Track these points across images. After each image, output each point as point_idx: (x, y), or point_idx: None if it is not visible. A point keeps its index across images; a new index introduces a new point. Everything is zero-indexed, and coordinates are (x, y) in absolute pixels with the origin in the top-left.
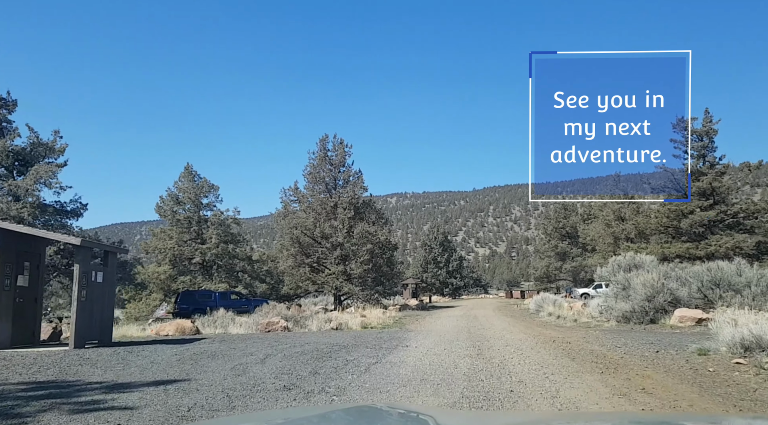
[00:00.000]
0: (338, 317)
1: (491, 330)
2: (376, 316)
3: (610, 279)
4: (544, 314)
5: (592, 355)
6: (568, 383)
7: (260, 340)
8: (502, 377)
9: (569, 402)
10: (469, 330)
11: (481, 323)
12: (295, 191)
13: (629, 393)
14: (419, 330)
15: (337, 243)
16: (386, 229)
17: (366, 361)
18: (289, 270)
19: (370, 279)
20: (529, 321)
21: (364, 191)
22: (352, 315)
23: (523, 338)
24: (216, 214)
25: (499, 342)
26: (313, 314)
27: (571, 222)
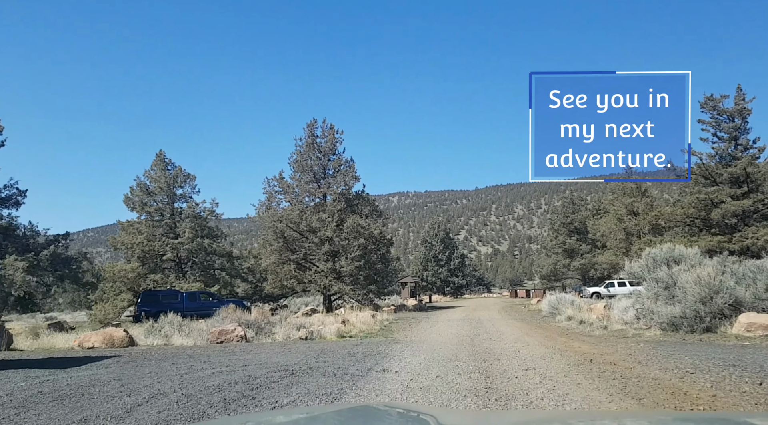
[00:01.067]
0: (314, 322)
1: (501, 340)
2: (362, 320)
3: (643, 275)
4: (563, 318)
5: (661, 389)
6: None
7: (189, 359)
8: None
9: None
10: (473, 342)
11: (486, 329)
12: (280, 181)
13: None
14: (408, 341)
15: (325, 238)
16: (380, 223)
17: (304, 409)
18: (272, 267)
19: (362, 277)
20: (545, 327)
21: (356, 181)
22: (336, 318)
23: (547, 355)
24: (191, 206)
25: (515, 362)
26: (282, 319)
27: (580, 217)
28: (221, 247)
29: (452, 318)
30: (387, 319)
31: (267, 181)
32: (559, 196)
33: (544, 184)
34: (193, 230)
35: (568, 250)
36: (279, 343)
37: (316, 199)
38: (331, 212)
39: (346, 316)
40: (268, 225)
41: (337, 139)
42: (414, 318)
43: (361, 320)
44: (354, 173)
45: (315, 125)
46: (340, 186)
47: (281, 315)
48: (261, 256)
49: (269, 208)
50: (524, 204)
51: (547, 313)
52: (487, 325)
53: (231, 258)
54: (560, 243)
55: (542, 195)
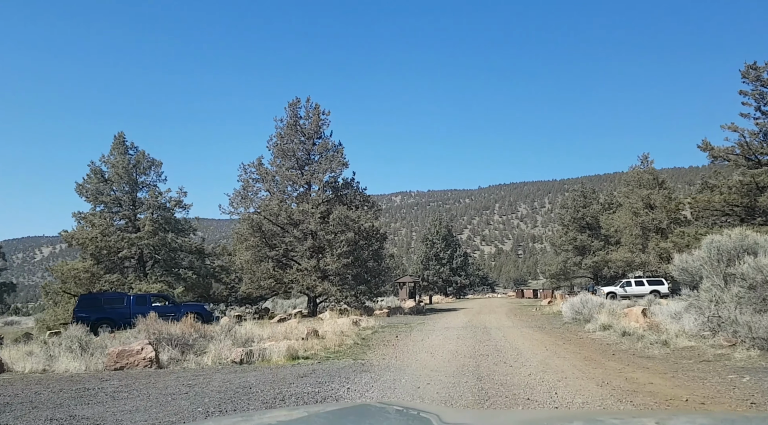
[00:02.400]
0: (276, 333)
1: (521, 366)
2: (339, 329)
3: (701, 271)
4: (595, 327)
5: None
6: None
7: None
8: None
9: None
10: (478, 369)
11: (496, 345)
12: (258, 167)
13: None
14: (384, 368)
15: (308, 232)
16: (372, 214)
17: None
18: (248, 266)
19: (351, 276)
20: (575, 340)
21: (345, 168)
22: (311, 325)
23: (605, 399)
24: (152, 194)
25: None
26: (226, 331)
27: (592, 212)
28: (189, 243)
29: (452, 325)
30: (372, 327)
31: (243, 168)
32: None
33: (548, 183)
34: (154, 223)
35: (579, 247)
36: (199, 370)
37: (300, 189)
38: (316, 202)
39: (321, 324)
40: (243, 218)
41: (323, 121)
42: (407, 325)
43: (339, 329)
44: (342, 159)
45: (298, 104)
46: (327, 173)
47: (229, 324)
48: (236, 253)
49: (245, 198)
50: (528, 203)
51: (569, 319)
52: (497, 337)
53: (201, 255)
54: (571, 239)
55: (546, 194)
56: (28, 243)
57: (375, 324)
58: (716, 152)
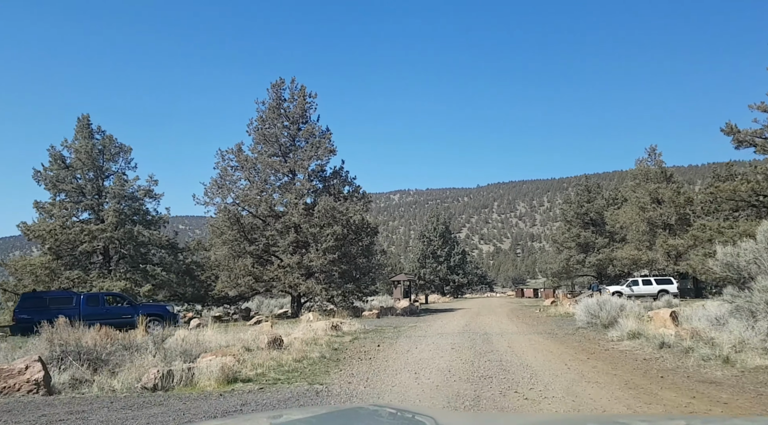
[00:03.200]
0: (232, 341)
1: (545, 404)
2: (308, 336)
3: (751, 266)
4: (621, 334)
5: None
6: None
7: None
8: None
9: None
10: (478, 402)
11: (501, 359)
12: (238, 153)
13: None
14: (341, 402)
15: (291, 224)
16: (361, 205)
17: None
18: (224, 262)
19: (338, 273)
20: (602, 354)
21: (332, 155)
22: (287, 329)
23: None
24: (118, 182)
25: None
26: (158, 342)
27: (596, 207)
28: (159, 237)
29: (447, 330)
30: (353, 333)
31: (220, 154)
32: (565, 190)
33: (547, 181)
34: (119, 214)
35: (582, 244)
36: (95, 399)
37: (284, 178)
38: (299, 192)
39: (295, 329)
40: (220, 209)
41: (309, 104)
42: (395, 330)
43: (312, 335)
44: (329, 145)
45: (281, 86)
46: (312, 160)
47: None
48: (212, 249)
49: (221, 187)
50: (527, 201)
51: (584, 323)
52: (500, 347)
53: (174, 250)
54: (574, 236)
55: (545, 192)
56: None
57: (358, 329)
58: (742, 135)
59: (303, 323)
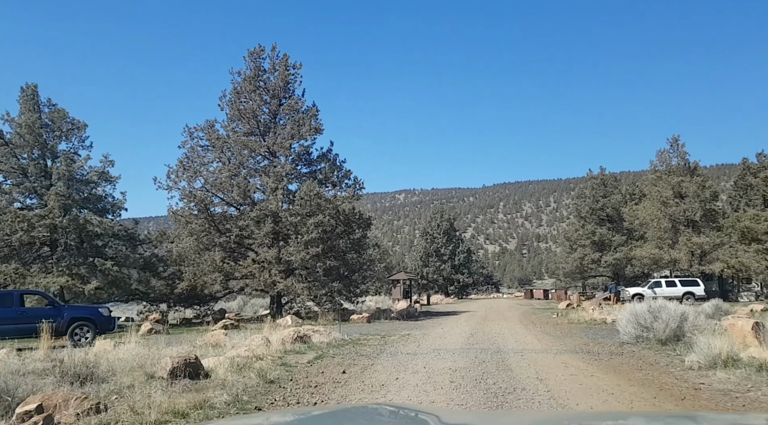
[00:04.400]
0: (153, 356)
1: None
2: (252, 352)
3: None
4: (706, 360)
5: None
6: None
7: None
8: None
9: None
10: None
11: (537, 404)
12: (209, 131)
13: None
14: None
15: (268, 212)
16: (351, 192)
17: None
18: (189, 255)
19: (323, 270)
20: (692, 395)
21: (318, 134)
22: (248, 340)
23: None
24: (65, 161)
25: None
26: None
27: (613, 202)
28: (110, 225)
29: (447, 344)
30: (321, 346)
31: (188, 132)
32: (571, 191)
33: (553, 182)
34: (64, 198)
35: (597, 242)
36: None
37: (264, 161)
38: (278, 175)
39: (248, 339)
40: (185, 194)
41: (293, 76)
42: (381, 341)
43: (263, 350)
44: (315, 123)
45: (261, 54)
46: (295, 140)
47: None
48: (177, 240)
49: (188, 169)
50: (533, 201)
51: (631, 337)
52: (526, 379)
53: (132, 242)
54: (588, 233)
55: (551, 192)
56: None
57: (333, 340)
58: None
59: (267, 330)
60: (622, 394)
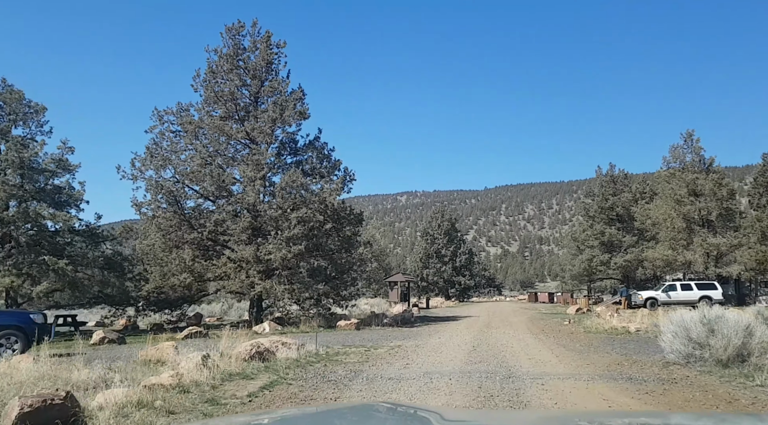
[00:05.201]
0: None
1: None
2: (188, 377)
3: None
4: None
5: None
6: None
7: None
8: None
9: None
10: None
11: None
12: (180, 115)
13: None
14: None
15: (246, 205)
16: (339, 184)
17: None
18: (156, 253)
19: (307, 270)
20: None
21: (303, 119)
22: (176, 352)
23: None
24: (13, 147)
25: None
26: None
27: (624, 201)
28: (65, 218)
29: (443, 365)
30: (283, 366)
31: (157, 115)
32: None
33: (556, 184)
34: (13, 188)
35: (606, 243)
36: None
37: (244, 150)
38: (258, 163)
39: (196, 351)
40: (151, 184)
41: (277, 55)
42: (362, 357)
43: (195, 376)
44: (300, 107)
45: (240, 31)
46: (277, 125)
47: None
48: (143, 236)
49: (155, 157)
50: (535, 204)
51: (679, 356)
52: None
53: (94, 238)
54: (597, 233)
55: (554, 195)
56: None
57: (302, 356)
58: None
59: (225, 342)
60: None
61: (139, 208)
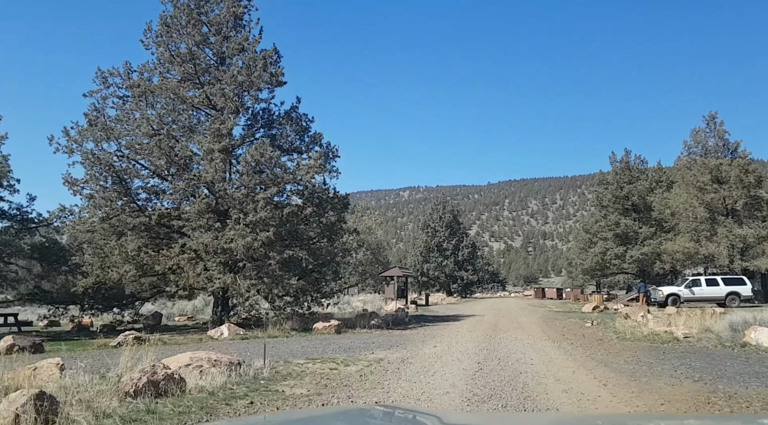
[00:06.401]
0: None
1: None
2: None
3: None
4: None
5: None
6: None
7: None
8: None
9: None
10: None
11: None
12: (127, 76)
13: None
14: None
15: (204, 183)
16: (319, 161)
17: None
18: (93, 240)
19: (278, 263)
20: None
21: (278, 85)
22: None
23: None
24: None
25: None
26: None
27: (640, 189)
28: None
29: (434, 398)
30: (194, 397)
31: (101, 76)
32: (578, 189)
33: (560, 179)
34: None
35: (621, 235)
36: None
37: (208, 121)
38: (218, 133)
39: (76, 362)
40: (86, 157)
41: (246, 9)
42: (322, 383)
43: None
44: (275, 70)
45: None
46: (245, 89)
47: None
48: (71, 224)
49: (94, 126)
50: (539, 199)
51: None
52: None
53: (23, 223)
54: (611, 224)
55: (557, 190)
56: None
57: (227, 383)
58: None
59: (125, 362)
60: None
61: (72, 186)
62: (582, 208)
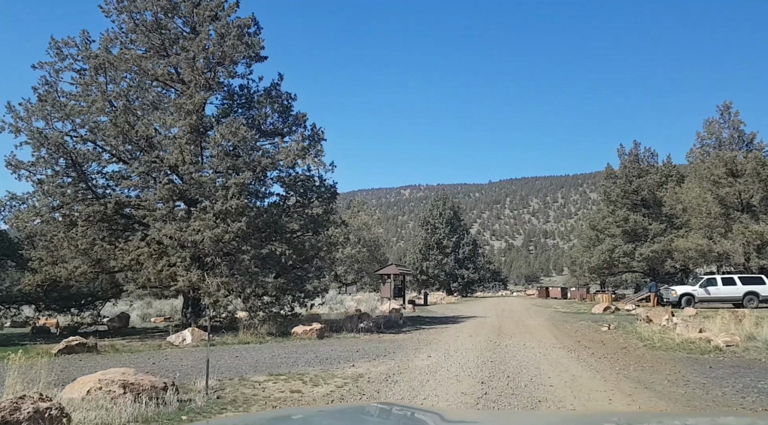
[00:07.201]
0: None
1: None
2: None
3: None
4: None
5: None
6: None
7: None
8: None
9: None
10: None
11: None
12: (84, 47)
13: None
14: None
15: (167, 166)
16: (301, 143)
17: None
18: (40, 232)
19: (253, 258)
20: None
21: (257, 59)
22: None
23: None
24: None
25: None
26: None
27: (650, 183)
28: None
29: None
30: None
31: (55, 46)
32: (580, 186)
33: (561, 178)
34: None
35: (630, 231)
36: None
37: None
38: (183, 109)
39: None
40: (33, 136)
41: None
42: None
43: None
44: (253, 40)
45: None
46: (216, 61)
47: None
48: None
49: (45, 101)
50: (540, 197)
51: None
52: None
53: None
54: (619, 220)
55: (558, 189)
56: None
57: (139, 419)
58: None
59: (12, 383)
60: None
61: (17, 169)
62: (584, 207)
